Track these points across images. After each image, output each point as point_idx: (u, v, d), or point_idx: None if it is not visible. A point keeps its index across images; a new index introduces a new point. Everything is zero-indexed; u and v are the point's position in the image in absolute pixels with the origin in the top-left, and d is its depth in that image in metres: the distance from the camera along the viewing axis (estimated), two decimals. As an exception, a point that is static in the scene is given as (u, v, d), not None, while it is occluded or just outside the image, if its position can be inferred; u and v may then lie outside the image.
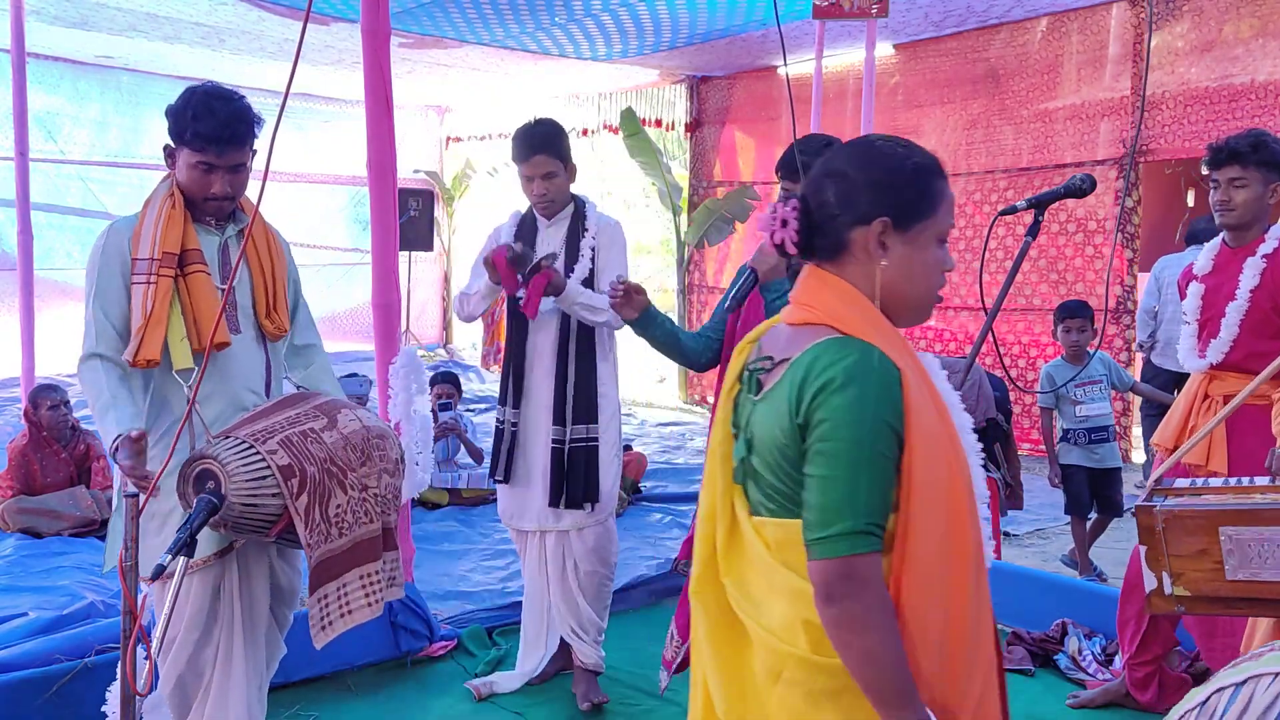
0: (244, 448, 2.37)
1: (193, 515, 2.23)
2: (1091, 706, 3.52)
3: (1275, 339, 3.04)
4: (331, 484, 2.47)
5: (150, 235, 2.51)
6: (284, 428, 2.46)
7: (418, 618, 3.77)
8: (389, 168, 3.65)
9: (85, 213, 10.33)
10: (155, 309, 2.47)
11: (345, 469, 2.51)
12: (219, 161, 2.53)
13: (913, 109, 8.54)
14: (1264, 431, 2.99)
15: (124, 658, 2.12)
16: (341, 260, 12.68)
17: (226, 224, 2.66)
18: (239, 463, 2.34)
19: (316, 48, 9.00)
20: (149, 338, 2.46)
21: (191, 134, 2.50)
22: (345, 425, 2.56)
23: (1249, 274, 3.08)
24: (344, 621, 2.58)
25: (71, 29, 8.50)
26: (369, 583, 2.61)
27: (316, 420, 2.52)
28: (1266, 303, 3.04)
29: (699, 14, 7.59)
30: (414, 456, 3.60)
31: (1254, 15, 6.50)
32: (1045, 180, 7.52)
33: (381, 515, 2.62)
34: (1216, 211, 3.14)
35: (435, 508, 6.01)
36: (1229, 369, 3.11)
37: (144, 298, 2.47)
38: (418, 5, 7.29)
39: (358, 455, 2.55)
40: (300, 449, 2.42)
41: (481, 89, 11.42)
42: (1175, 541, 1.92)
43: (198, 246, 2.57)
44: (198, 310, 2.53)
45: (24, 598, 4.11)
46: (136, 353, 2.45)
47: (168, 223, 2.52)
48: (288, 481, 2.37)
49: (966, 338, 8.23)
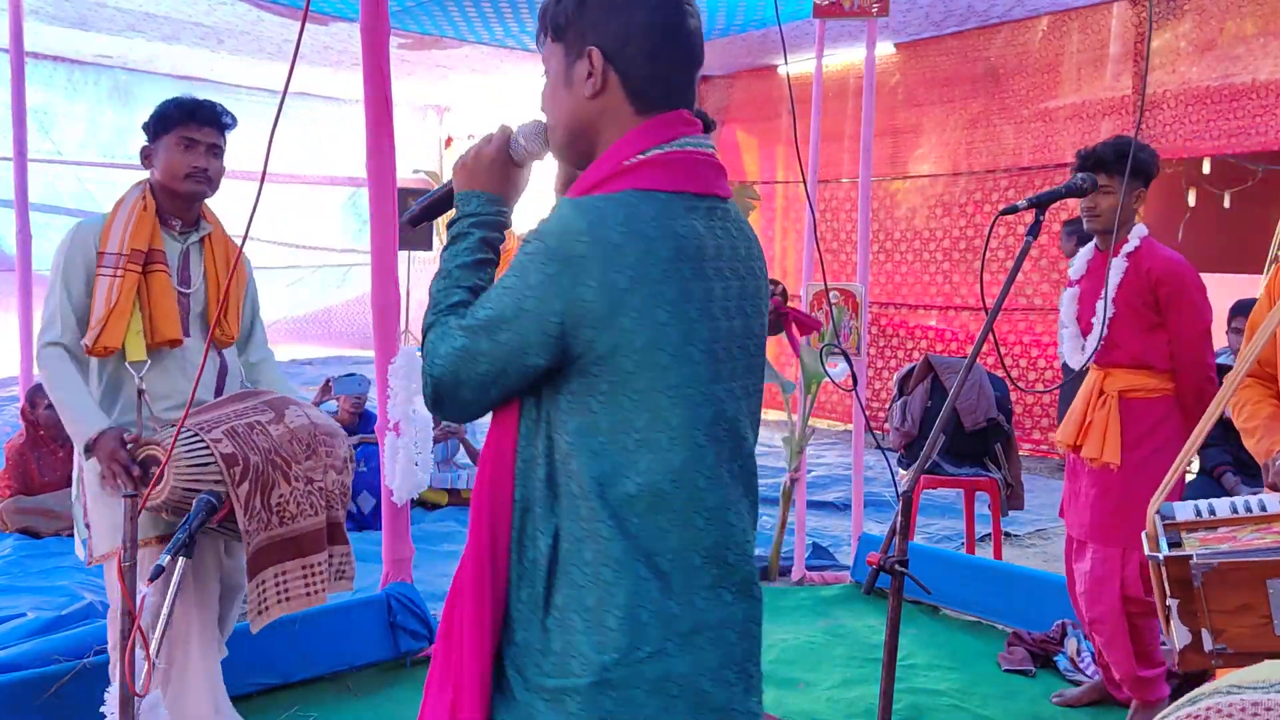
0: (189, 435, 2.48)
1: (192, 515, 2.23)
2: (1077, 705, 3.54)
3: (1150, 331, 3.21)
4: (275, 474, 2.58)
5: (121, 231, 2.66)
6: (230, 419, 2.58)
7: (417, 618, 3.76)
8: (388, 168, 3.64)
9: (83, 213, 10.32)
10: (120, 301, 2.61)
11: (290, 461, 2.62)
12: (200, 135, 2.70)
13: (913, 108, 8.53)
14: (1146, 422, 3.21)
15: (123, 658, 2.12)
16: (340, 261, 12.68)
17: (191, 231, 2.81)
18: (182, 449, 2.45)
19: (315, 47, 8.99)
20: (111, 327, 2.60)
21: (175, 109, 2.70)
22: (292, 420, 2.68)
23: (1113, 274, 3.23)
24: (280, 608, 2.66)
25: (70, 29, 8.50)
26: (311, 573, 2.70)
27: (264, 414, 2.65)
28: (1134, 298, 3.20)
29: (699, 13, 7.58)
30: (414, 456, 3.60)
31: (1255, 14, 6.49)
32: (1046, 180, 7.51)
33: (327, 509, 2.72)
34: (1084, 216, 3.30)
35: (435, 508, 6.01)
36: (1116, 365, 3.27)
37: (109, 289, 2.62)
38: (417, 4, 7.29)
39: (303, 449, 2.66)
40: (245, 439, 2.54)
41: (481, 89, 11.42)
42: (1216, 597, 1.76)
43: (162, 248, 2.72)
44: (155, 307, 2.67)
45: (22, 598, 4.11)
46: (97, 340, 2.60)
47: (138, 222, 2.68)
48: (230, 469, 2.47)
49: (967, 337, 8.23)
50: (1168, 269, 3.21)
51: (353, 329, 12.72)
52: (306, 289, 12.41)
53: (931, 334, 8.54)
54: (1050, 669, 3.84)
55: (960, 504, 5.71)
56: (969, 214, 8.24)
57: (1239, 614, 1.76)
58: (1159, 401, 3.23)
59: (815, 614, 4.38)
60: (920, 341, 8.60)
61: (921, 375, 5.10)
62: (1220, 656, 1.78)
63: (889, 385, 8.15)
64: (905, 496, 2.23)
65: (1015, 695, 3.64)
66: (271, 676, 3.46)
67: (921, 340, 8.60)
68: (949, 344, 8.34)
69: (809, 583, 4.79)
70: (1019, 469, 4.97)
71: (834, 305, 4.61)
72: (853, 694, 3.61)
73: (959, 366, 5.01)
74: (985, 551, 5.02)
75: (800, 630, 4.17)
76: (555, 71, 1.46)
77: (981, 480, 4.84)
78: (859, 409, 5.00)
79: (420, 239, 12.35)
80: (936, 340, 8.48)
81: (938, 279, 8.47)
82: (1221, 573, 1.75)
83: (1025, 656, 3.88)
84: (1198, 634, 1.79)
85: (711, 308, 1.38)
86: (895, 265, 8.81)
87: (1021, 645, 3.93)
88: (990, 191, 8.06)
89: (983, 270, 2.49)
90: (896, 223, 8.79)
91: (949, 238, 8.39)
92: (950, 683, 3.71)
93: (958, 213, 8.34)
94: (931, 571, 4.25)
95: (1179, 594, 1.79)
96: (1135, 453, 3.21)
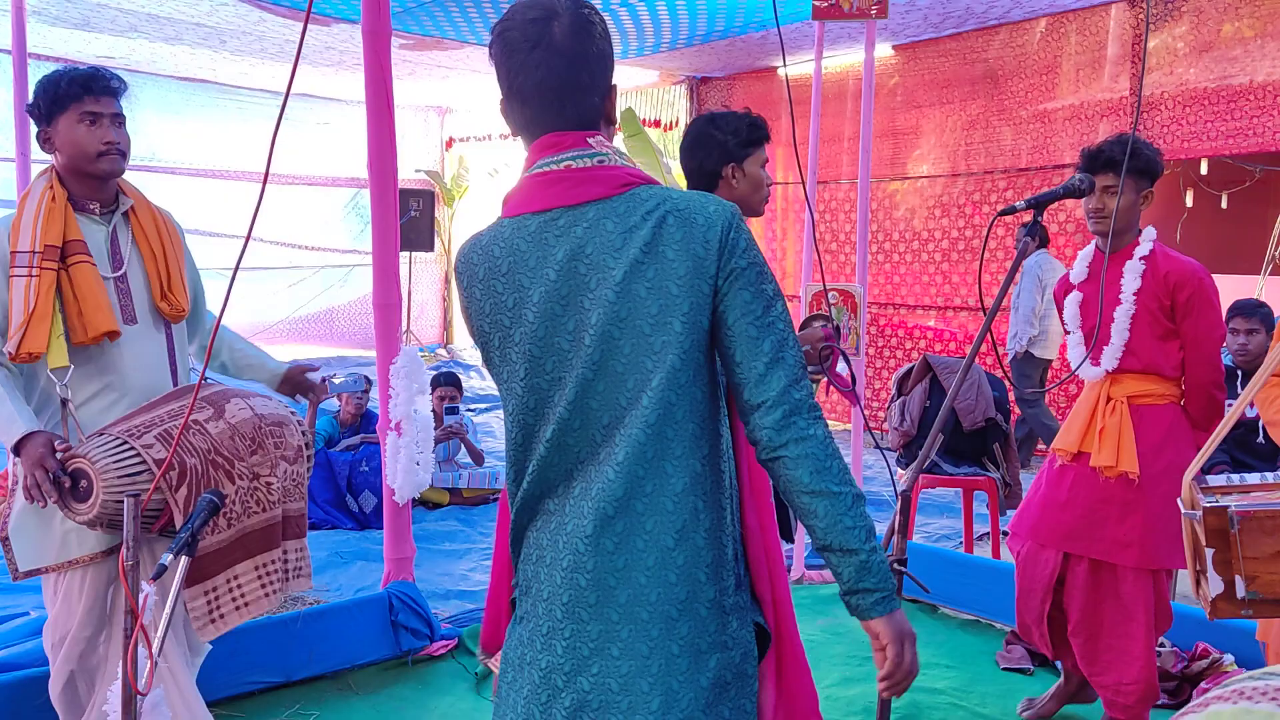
0: (116, 444, 2.34)
1: (193, 515, 2.23)
2: (1047, 715, 3.46)
3: (1163, 339, 3.12)
4: (217, 474, 2.45)
5: (30, 228, 2.47)
6: (164, 421, 2.44)
7: (419, 617, 3.77)
8: (389, 168, 3.66)
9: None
10: (39, 303, 2.43)
11: (233, 458, 2.49)
12: (100, 108, 2.52)
13: (912, 110, 8.55)
14: (1157, 429, 3.11)
15: (125, 657, 2.12)
16: (341, 262, 12.70)
17: (112, 213, 2.62)
18: (109, 460, 2.31)
19: (317, 49, 9.01)
20: (33, 331, 2.42)
21: (67, 84, 2.51)
22: (233, 415, 2.55)
23: (1130, 277, 3.13)
24: (239, 614, 2.55)
25: (73, 30, 8.51)
26: (265, 573, 2.59)
27: (201, 411, 2.51)
28: (1152, 303, 3.10)
29: (699, 15, 7.60)
30: (415, 456, 3.61)
31: (1253, 16, 6.50)
32: (1044, 180, 7.53)
33: (282, 503, 2.60)
34: (1091, 218, 3.17)
35: (436, 507, 6.02)
36: (1126, 371, 3.16)
37: (25, 290, 2.43)
38: (418, 5, 7.31)
39: (246, 444, 2.54)
40: (181, 441, 2.39)
41: (482, 90, 11.43)
42: (1251, 544, 1.84)
43: (80, 238, 2.53)
44: (83, 301, 2.48)
45: (24, 597, 4.12)
46: (19, 346, 2.41)
47: (48, 215, 2.48)
48: (166, 475, 2.34)
49: (966, 338, 8.24)
50: (1188, 272, 3.09)
51: (354, 329, 12.75)
52: (308, 289, 12.43)
53: (930, 334, 8.56)
54: (1048, 667, 3.85)
55: (959, 503, 5.73)
56: (967, 215, 8.26)
57: (1273, 560, 1.84)
58: (1167, 409, 3.14)
59: (815, 613, 4.40)
60: (919, 342, 8.62)
61: (920, 375, 5.12)
62: (1252, 605, 1.86)
63: (888, 385, 8.17)
64: (904, 496, 2.25)
65: (1013, 694, 3.66)
66: (273, 675, 3.47)
67: (920, 340, 8.62)
68: (947, 344, 8.35)
69: (808, 582, 4.81)
70: (1017, 468, 4.99)
71: (833, 306, 4.63)
72: (852, 692, 3.63)
73: (957, 367, 5.03)
74: (984, 550, 5.04)
75: (800, 629, 4.18)
76: None
77: (980, 480, 4.86)
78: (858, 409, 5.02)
79: (421, 240, 12.38)
80: (935, 340, 8.49)
81: (936, 279, 8.49)
82: (1259, 519, 1.84)
83: (1024, 655, 3.90)
84: (1231, 582, 1.86)
85: (524, 312, 1.54)
86: (894, 266, 8.82)
87: (1020, 644, 3.94)
88: (989, 192, 8.07)
89: (981, 271, 2.51)
90: (895, 224, 8.80)
91: (947, 238, 8.41)
92: (949, 681, 3.73)
93: (956, 214, 8.35)
94: (930, 570, 4.28)
95: (1214, 543, 1.86)
96: (1154, 464, 3.08)
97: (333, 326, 12.81)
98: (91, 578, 2.54)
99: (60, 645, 2.56)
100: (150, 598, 2.34)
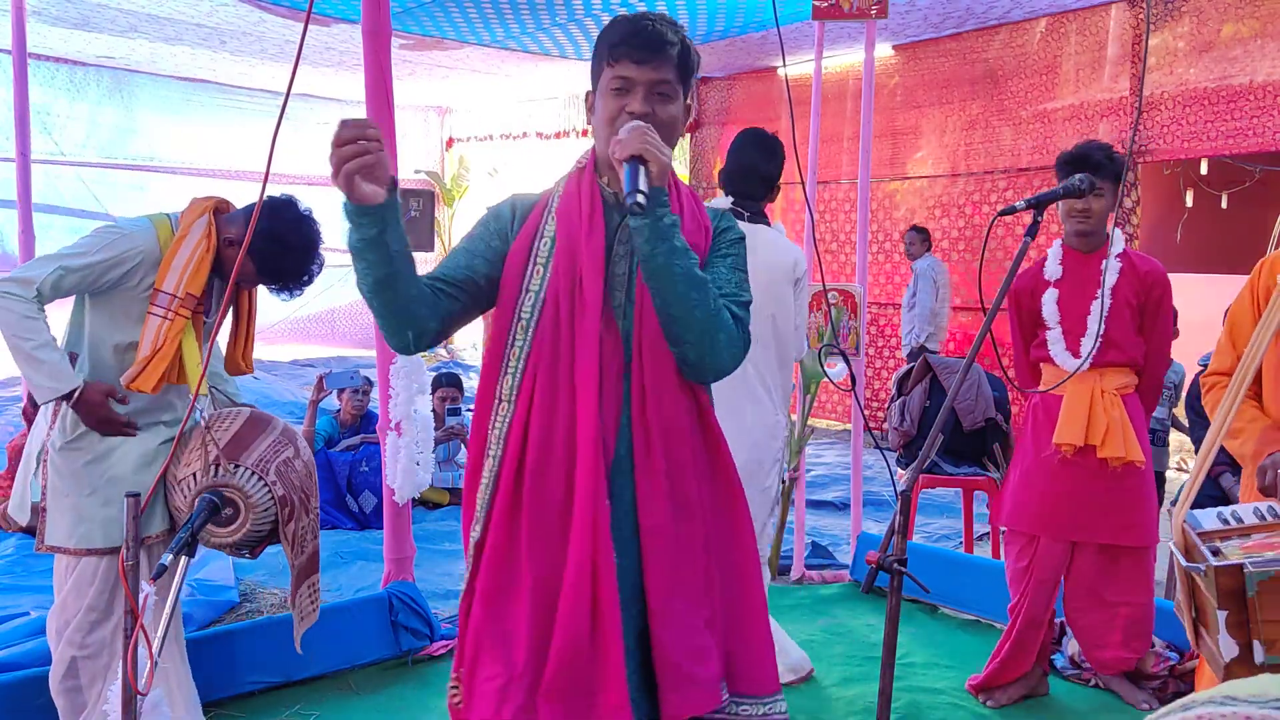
0: (254, 479, 2.58)
1: (194, 515, 2.26)
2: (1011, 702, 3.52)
3: (1137, 331, 3.34)
4: (301, 508, 2.70)
5: (180, 271, 2.61)
6: (270, 456, 2.67)
7: (419, 617, 3.77)
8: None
9: (83, 213, 10.35)
10: (165, 347, 2.59)
11: (308, 494, 2.74)
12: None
13: (912, 110, 8.55)
14: (1138, 417, 3.34)
15: (125, 657, 2.12)
16: (341, 261, 12.69)
17: None
18: (257, 495, 2.58)
19: (317, 49, 9.01)
20: (150, 370, 2.58)
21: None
22: (304, 453, 2.78)
23: (1110, 273, 3.29)
24: (302, 624, 2.84)
25: (73, 30, 8.52)
26: (313, 591, 2.85)
27: (288, 449, 2.73)
28: (1132, 299, 3.31)
29: (699, 15, 7.60)
30: (415, 456, 3.61)
31: (1253, 16, 6.51)
32: (1044, 181, 7.53)
33: (316, 535, 2.85)
34: (1074, 219, 3.30)
35: (435, 507, 6.03)
36: (1110, 365, 3.33)
37: (156, 331, 2.59)
38: (418, 5, 7.31)
39: (312, 481, 2.78)
40: (286, 478, 2.65)
41: (482, 90, 11.44)
42: (1270, 607, 1.69)
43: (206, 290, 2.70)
44: (188, 358, 2.65)
45: (25, 597, 4.12)
46: (134, 380, 2.58)
47: (199, 265, 2.63)
48: (283, 509, 2.62)
49: (966, 338, 8.25)
50: (1160, 273, 3.36)
51: (355, 329, 12.75)
52: (309, 289, 12.42)
53: (931, 334, 8.56)
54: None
55: (959, 503, 5.73)
56: (967, 215, 8.26)
57: None
58: (1132, 397, 3.37)
59: (814, 613, 4.40)
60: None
61: (920, 375, 5.12)
62: (1272, 669, 1.68)
63: (888, 385, 8.17)
64: (904, 496, 2.25)
65: (1013, 694, 3.65)
66: (273, 675, 3.47)
67: (921, 341, 8.62)
68: (947, 344, 8.36)
69: (808, 581, 4.81)
70: (1017, 469, 4.99)
71: (833, 306, 4.63)
72: (852, 692, 3.63)
73: (957, 367, 5.03)
74: (983, 550, 5.04)
75: (799, 629, 4.18)
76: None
77: (980, 480, 4.86)
78: (858, 409, 5.02)
79: (421, 240, 12.38)
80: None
81: (937, 279, 8.49)
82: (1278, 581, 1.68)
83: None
84: (1247, 646, 1.71)
85: None
86: (894, 266, 8.83)
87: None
88: (989, 192, 8.08)
89: (981, 271, 2.51)
90: (895, 223, 8.81)
91: (947, 239, 8.41)
92: (949, 681, 3.73)
93: (956, 214, 8.36)
94: (930, 570, 4.27)
95: (1228, 605, 1.71)
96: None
97: (333, 326, 12.82)
98: (105, 568, 2.66)
99: (64, 630, 2.66)
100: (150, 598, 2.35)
